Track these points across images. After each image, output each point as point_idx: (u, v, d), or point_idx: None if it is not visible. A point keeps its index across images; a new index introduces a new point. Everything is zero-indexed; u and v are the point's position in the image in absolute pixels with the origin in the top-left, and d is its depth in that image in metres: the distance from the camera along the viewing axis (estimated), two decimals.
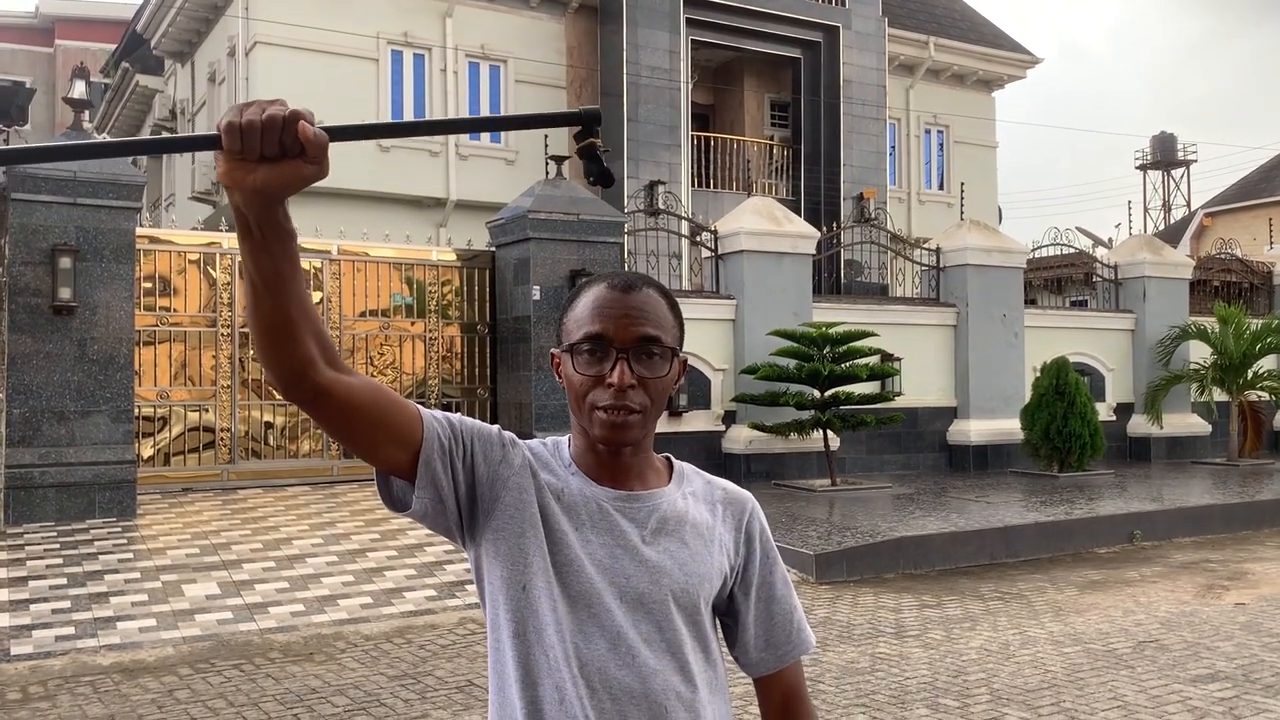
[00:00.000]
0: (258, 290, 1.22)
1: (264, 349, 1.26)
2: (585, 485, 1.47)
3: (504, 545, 1.43)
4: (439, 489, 1.39)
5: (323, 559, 8.06)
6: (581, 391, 1.45)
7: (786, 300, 12.73)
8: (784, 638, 1.57)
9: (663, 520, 1.48)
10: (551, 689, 1.40)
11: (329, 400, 1.30)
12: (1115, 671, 5.84)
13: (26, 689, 5.64)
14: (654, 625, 1.44)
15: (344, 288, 11.47)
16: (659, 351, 1.45)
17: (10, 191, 8.96)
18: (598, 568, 1.43)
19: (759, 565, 1.56)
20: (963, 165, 22.13)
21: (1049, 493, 11.70)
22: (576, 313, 1.48)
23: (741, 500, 1.58)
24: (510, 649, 1.42)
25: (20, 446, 8.78)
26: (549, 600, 1.41)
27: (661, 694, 1.41)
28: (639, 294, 1.46)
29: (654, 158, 16.99)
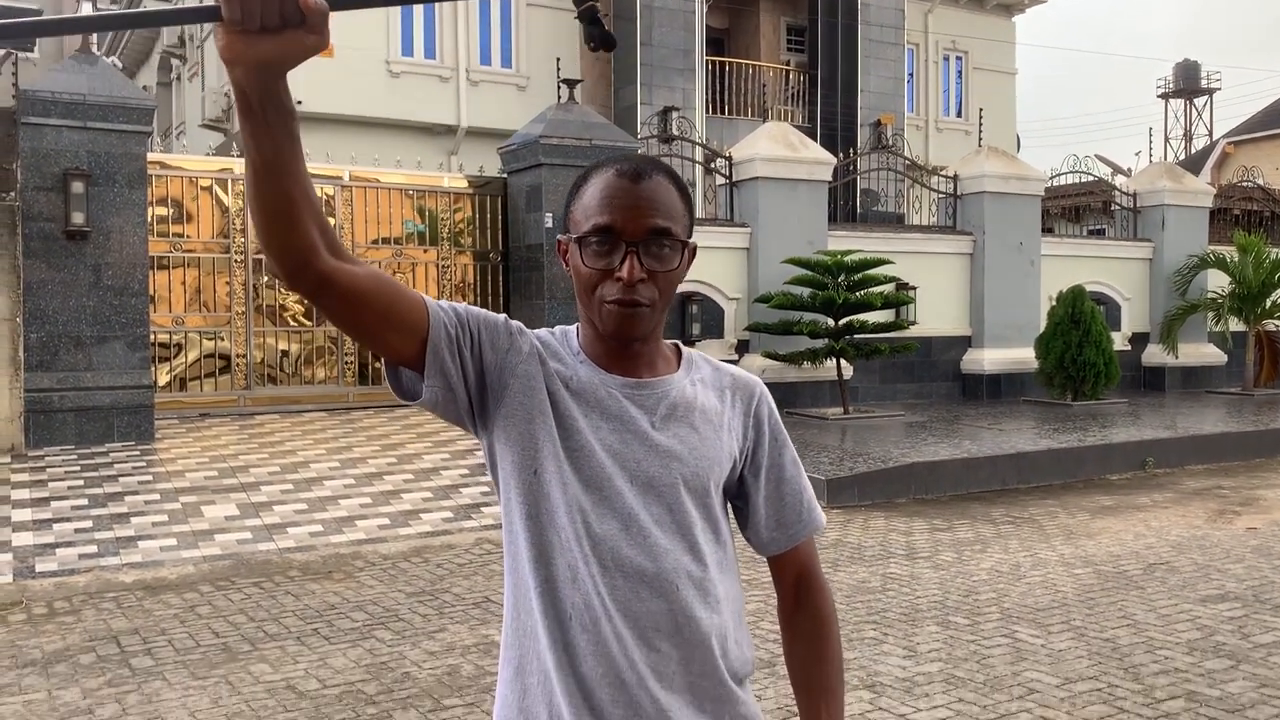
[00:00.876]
0: (259, 172, 1.20)
1: (266, 234, 1.23)
2: (594, 373, 1.47)
3: (514, 431, 1.43)
4: (448, 378, 1.38)
5: (340, 482, 8.15)
6: (590, 284, 1.43)
7: (801, 228, 12.63)
8: (794, 517, 1.58)
9: (672, 406, 1.48)
10: (564, 567, 1.41)
11: (333, 288, 1.28)
12: (1125, 592, 5.89)
13: (52, 604, 5.75)
14: (665, 508, 1.44)
15: (356, 215, 11.43)
16: (669, 244, 1.42)
17: (20, 115, 8.91)
18: (608, 453, 1.43)
19: (768, 448, 1.57)
20: (981, 92, 21.79)
21: (1062, 421, 11.70)
22: (584, 201, 1.45)
23: (750, 385, 1.58)
24: (523, 530, 1.43)
25: (39, 371, 8.85)
26: (560, 484, 1.41)
27: (672, 573, 1.42)
28: (649, 182, 1.43)
29: (668, 83, 16.76)
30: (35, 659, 4.84)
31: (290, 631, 5.25)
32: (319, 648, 4.98)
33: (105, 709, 4.21)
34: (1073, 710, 4.13)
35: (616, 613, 1.40)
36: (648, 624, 1.40)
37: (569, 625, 1.40)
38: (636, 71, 16.48)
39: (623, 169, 1.44)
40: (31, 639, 5.14)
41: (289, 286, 1.28)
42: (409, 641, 5.06)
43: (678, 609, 1.42)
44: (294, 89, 1.19)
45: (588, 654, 1.39)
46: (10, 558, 6.31)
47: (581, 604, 1.40)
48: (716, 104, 18.18)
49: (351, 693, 4.39)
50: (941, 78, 21.86)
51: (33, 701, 4.30)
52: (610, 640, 1.39)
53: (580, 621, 1.40)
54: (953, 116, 22.03)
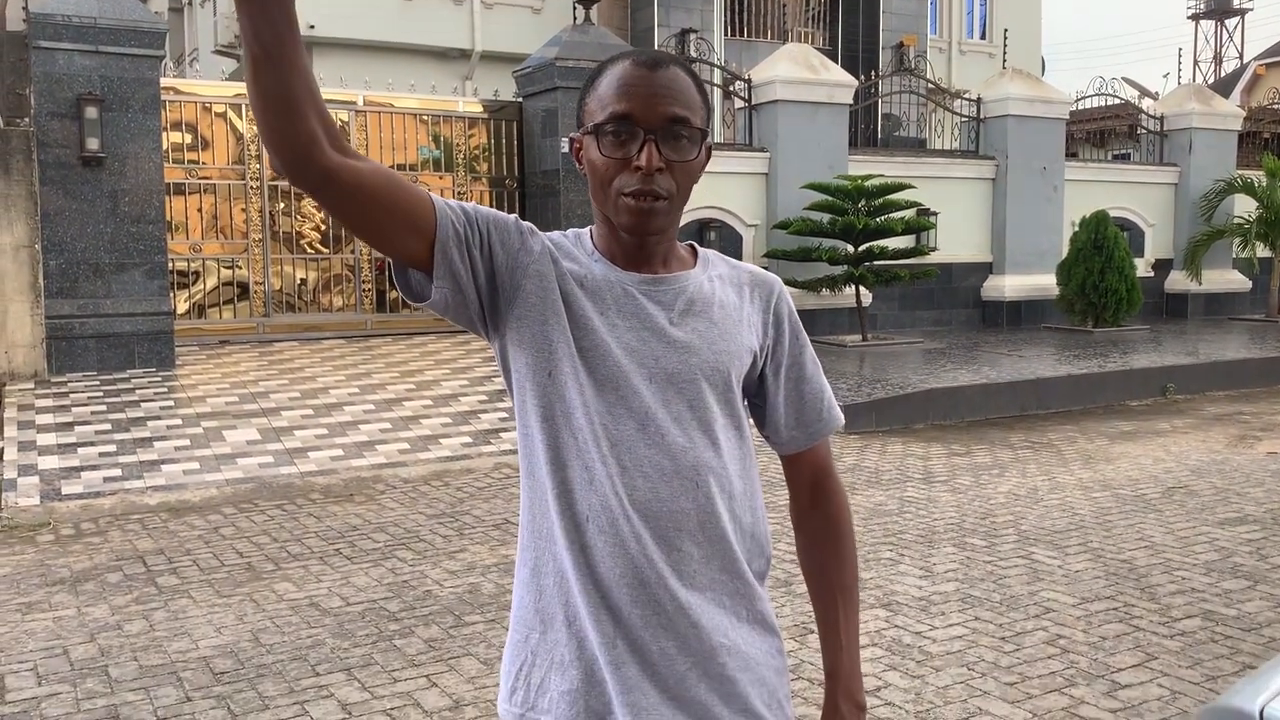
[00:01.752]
0: (259, 62, 1.17)
1: (267, 126, 1.20)
2: (610, 271, 1.44)
3: (527, 333, 1.40)
4: (457, 278, 1.35)
5: (359, 408, 8.20)
6: (606, 176, 1.39)
7: (821, 153, 12.45)
8: (814, 416, 1.56)
9: (690, 301, 1.45)
10: (581, 469, 1.39)
11: (337, 184, 1.25)
12: (1143, 515, 5.89)
13: (79, 525, 5.84)
14: (685, 403, 1.42)
15: (370, 141, 11.33)
16: (687, 134, 1.38)
17: (32, 39, 8.82)
18: (625, 350, 1.40)
19: (789, 345, 1.55)
20: (1006, 13, 21.28)
21: (1083, 347, 11.62)
22: (600, 91, 1.40)
23: (769, 282, 1.55)
24: (539, 433, 1.41)
25: (59, 298, 8.88)
26: (575, 384, 1.39)
27: (692, 470, 1.40)
28: (666, 71, 1.39)
29: (686, 5, 16.43)
30: (64, 577, 4.93)
31: (313, 552, 5.32)
32: (341, 567, 5.05)
33: (133, 625, 4.29)
34: (1089, 628, 4.15)
35: (635, 513, 1.38)
36: (668, 524, 1.39)
37: (585, 527, 1.38)
38: None
39: (639, 59, 1.40)
40: (60, 559, 5.23)
41: (293, 181, 1.25)
42: (429, 561, 5.12)
43: (698, 507, 1.40)
44: (307, 14, 1.17)
45: (605, 555, 1.37)
46: (36, 480, 6.40)
47: (599, 505, 1.38)
48: (735, 26, 17.83)
49: (374, 609, 4.45)
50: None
51: (63, 618, 4.39)
52: (629, 540, 1.37)
53: (597, 523, 1.38)
54: (976, 39, 21.55)
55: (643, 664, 1.37)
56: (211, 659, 3.94)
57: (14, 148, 8.77)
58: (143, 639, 4.14)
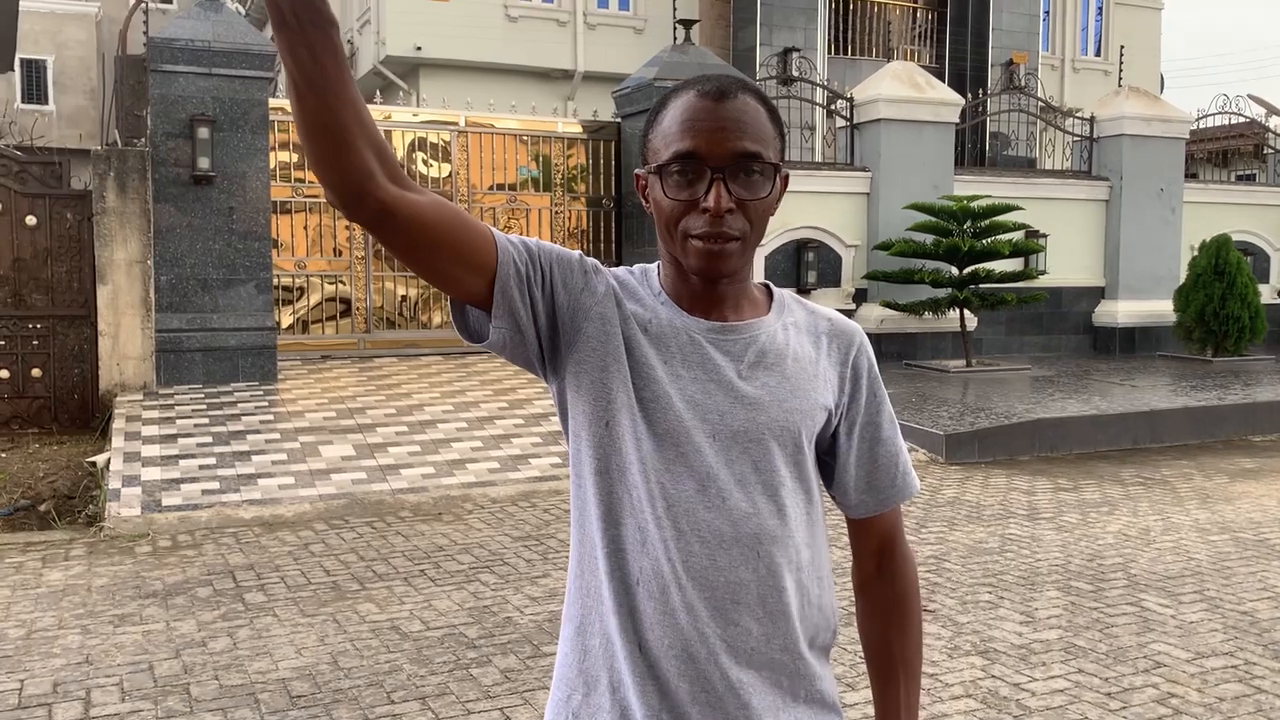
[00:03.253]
0: (300, 89, 1.11)
1: (317, 158, 1.15)
2: (676, 315, 1.34)
3: (586, 379, 1.32)
4: (516, 318, 1.28)
5: (453, 425, 8.24)
6: (673, 218, 1.30)
7: (926, 172, 12.15)
8: (888, 481, 1.45)
9: (761, 353, 1.35)
10: (634, 529, 1.30)
11: (394, 219, 1.18)
12: (1267, 562, 5.51)
13: (176, 538, 5.96)
14: (750, 464, 1.32)
15: (471, 160, 11.46)
16: (759, 169, 1.29)
17: (150, 63, 9.15)
18: (688, 404, 1.31)
19: (865, 402, 1.43)
20: (1124, 28, 20.54)
21: (1201, 378, 11.06)
22: (664, 126, 1.31)
23: (849, 332, 1.44)
24: (592, 486, 1.33)
25: (169, 312, 9.16)
26: (633, 438, 1.30)
27: (754, 538, 1.30)
28: (735, 102, 1.28)
29: (789, 23, 16.28)
30: (156, 590, 5.02)
31: (398, 572, 5.32)
32: (425, 589, 5.03)
33: (217, 642, 4.33)
34: (1204, 687, 3.87)
35: (689, 582, 1.28)
36: (725, 595, 1.29)
37: (635, 590, 1.29)
38: (756, 11, 16.03)
39: (704, 89, 1.29)
40: (154, 570, 5.34)
41: (348, 215, 1.19)
42: (512, 586, 5.07)
43: (759, 579, 1.30)
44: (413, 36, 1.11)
45: (654, 623, 1.28)
46: (139, 491, 6.57)
47: (650, 570, 1.29)
48: (839, 44, 17.59)
49: (454, 635, 4.41)
50: (1080, 14, 20.67)
51: (151, 632, 4.45)
52: (679, 611, 1.28)
53: (648, 588, 1.29)
54: (1091, 55, 20.86)
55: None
56: (290, 681, 3.94)
57: (130, 167, 9.10)
58: (225, 657, 4.17)
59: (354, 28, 17.57)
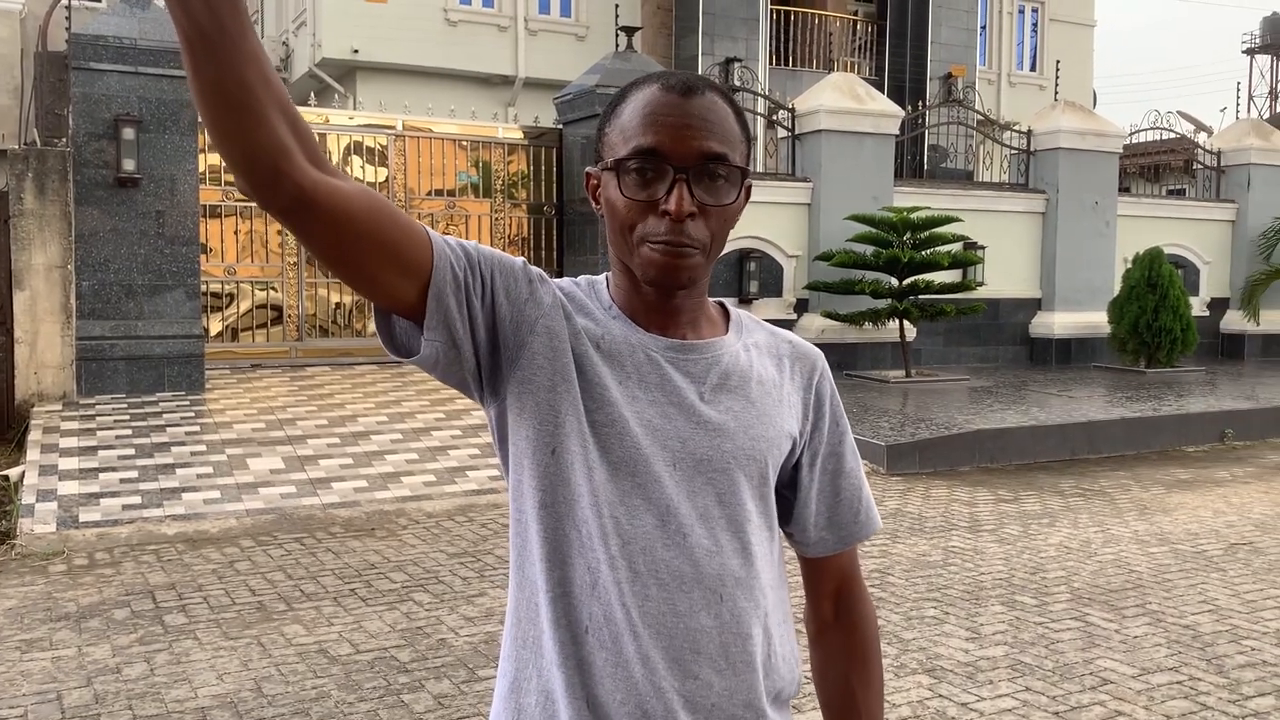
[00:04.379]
0: (193, 44, 0.93)
1: (218, 131, 0.97)
2: (631, 331, 1.21)
3: (530, 400, 1.17)
4: (452, 330, 1.12)
5: (387, 437, 8.02)
6: (628, 220, 1.17)
7: (866, 183, 12.18)
8: (850, 516, 1.34)
9: (724, 374, 1.23)
10: (584, 570, 1.16)
11: (315, 208, 1.02)
12: (1205, 574, 5.53)
13: (93, 555, 5.69)
14: (714, 497, 1.19)
15: (409, 165, 11.23)
16: (725, 173, 1.17)
17: (72, 60, 8.81)
18: (646, 429, 1.17)
19: (828, 431, 1.32)
20: (1058, 45, 20.91)
21: (1136, 389, 11.21)
22: (623, 120, 1.18)
23: (811, 356, 1.33)
24: (536, 523, 1.18)
25: (91, 319, 8.81)
26: (584, 467, 1.16)
27: (717, 579, 1.17)
28: (702, 99, 1.17)
29: (730, 33, 16.28)
30: (70, 612, 4.76)
31: (327, 591, 5.11)
32: (355, 609, 4.84)
33: (133, 668, 4.10)
34: (1150, 704, 3.83)
35: (645, 629, 1.15)
36: (684, 644, 1.16)
37: (584, 640, 1.15)
38: (698, 21, 16.01)
39: (669, 83, 1.18)
40: (68, 591, 5.07)
41: (262, 204, 1.02)
42: (447, 606, 4.89)
43: (721, 625, 1.17)
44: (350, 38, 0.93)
45: (605, 675, 1.15)
46: (54, 507, 6.27)
47: (601, 616, 1.15)
48: (780, 55, 17.64)
49: (385, 659, 4.23)
50: (1016, 30, 21.01)
51: (62, 658, 4.20)
52: (634, 662, 1.14)
53: (598, 637, 1.15)
54: (1027, 70, 21.20)
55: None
56: (210, 710, 3.72)
57: (50, 168, 8.74)
58: (141, 684, 3.94)
59: (289, 29, 17.22)
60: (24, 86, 20.96)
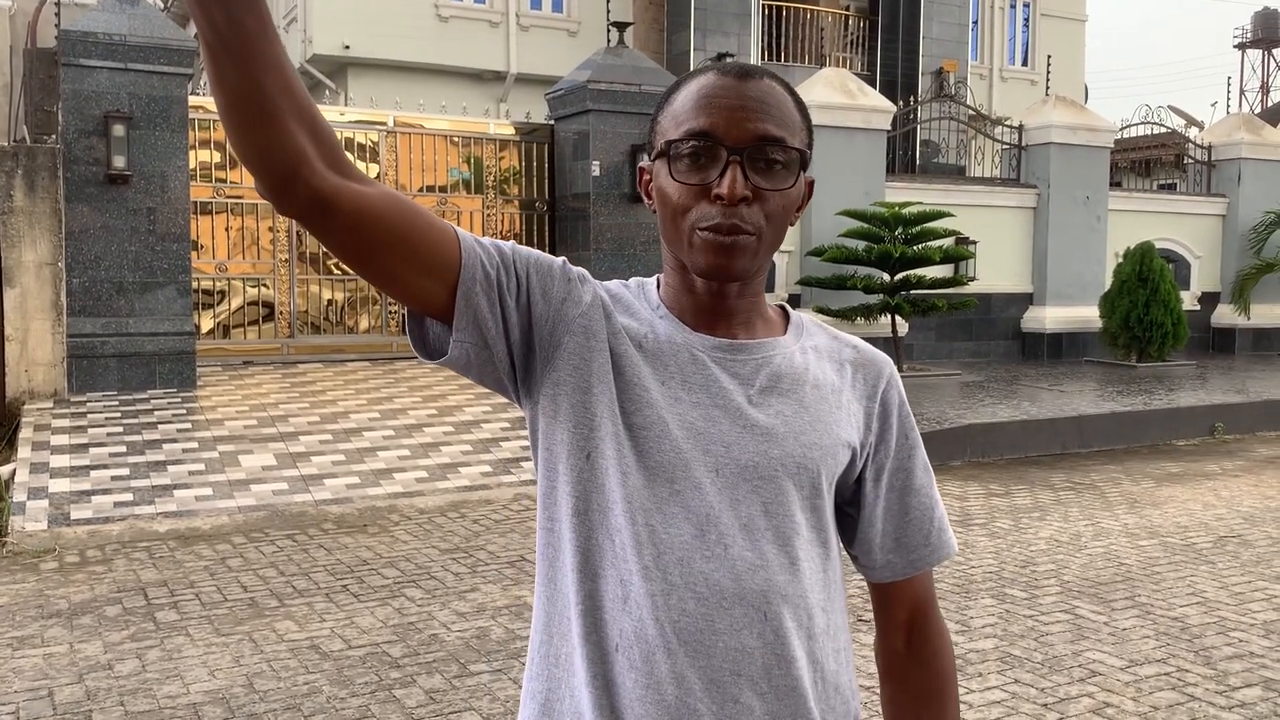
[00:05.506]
0: (215, 52, 0.94)
1: (236, 136, 0.98)
2: (677, 331, 1.16)
3: (565, 402, 1.13)
4: (483, 330, 1.10)
5: (379, 433, 8.02)
6: (680, 206, 1.12)
7: (858, 179, 12.19)
8: (920, 539, 1.24)
9: (775, 376, 1.17)
10: (615, 582, 1.10)
11: (336, 211, 1.01)
12: (1194, 566, 5.56)
13: (84, 552, 5.68)
14: (760, 506, 1.12)
15: (401, 162, 11.22)
16: (782, 158, 1.13)
17: (62, 56, 8.78)
18: (687, 432, 1.12)
19: (895, 444, 1.23)
20: (1050, 40, 20.95)
21: (1126, 383, 11.25)
22: (675, 106, 1.15)
23: (878, 362, 1.24)
24: (569, 530, 1.13)
25: (82, 316, 8.79)
26: (619, 472, 1.11)
27: (761, 596, 1.10)
28: (760, 83, 1.13)
29: (722, 28, 16.29)
30: (61, 609, 4.76)
31: (319, 587, 5.11)
32: (347, 605, 4.84)
33: (125, 664, 4.10)
34: (1138, 696, 3.85)
35: (679, 647, 1.08)
36: (723, 664, 1.09)
37: (614, 658, 1.10)
38: (690, 16, 16.01)
39: (725, 69, 1.15)
40: (60, 588, 5.06)
41: (280, 209, 1.01)
42: (439, 601, 4.90)
43: (765, 645, 1.10)
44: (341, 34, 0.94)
45: (635, 699, 1.08)
46: (45, 504, 6.26)
47: (632, 633, 1.09)
48: (772, 50, 17.64)
49: (376, 654, 4.23)
50: (1008, 25, 21.05)
51: (53, 655, 4.21)
52: (667, 683, 1.08)
53: (628, 655, 1.09)
54: (1018, 65, 21.23)
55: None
56: (201, 705, 3.73)
57: (40, 165, 8.72)
58: (133, 681, 3.94)
59: (280, 25, 17.17)
60: (13, 84, 20.90)
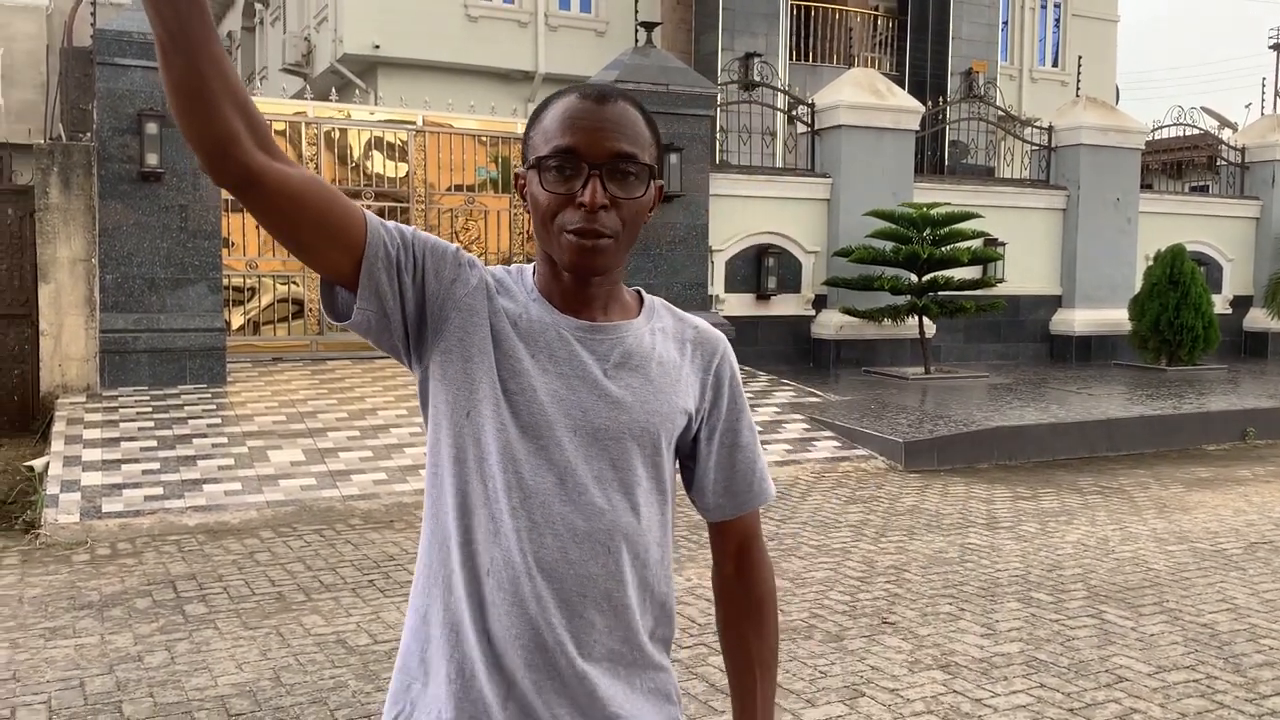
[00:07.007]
0: (164, 46, 1.13)
1: (181, 116, 1.16)
2: (547, 313, 1.38)
3: (451, 369, 1.34)
4: (382, 301, 1.30)
5: (406, 430, 8.07)
6: (549, 212, 1.33)
7: (886, 179, 12.14)
8: (744, 486, 1.50)
9: (627, 354, 1.39)
10: (487, 518, 1.33)
11: (261, 186, 1.20)
12: (1224, 573, 5.51)
13: (115, 546, 5.76)
14: (608, 462, 1.35)
15: (429, 161, 11.28)
16: (635, 170, 1.34)
17: (97, 55, 8.89)
18: (552, 398, 1.34)
19: (726, 410, 1.48)
20: (1080, 40, 20.77)
21: (1156, 386, 11.15)
22: (544, 124, 1.36)
23: (713, 341, 1.48)
24: (449, 475, 1.35)
25: (114, 312, 8.90)
26: (496, 428, 1.33)
27: (607, 534, 1.34)
28: (614, 106, 1.35)
29: (750, 29, 16.25)
30: (92, 601, 4.82)
31: (346, 582, 5.16)
32: (373, 600, 4.88)
33: (154, 656, 4.15)
34: (1166, 703, 3.82)
35: (539, 573, 1.31)
36: (573, 588, 1.33)
37: (485, 580, 1.32)
38: (718, 16, 16.00)
39: (586, 92, 1.37)
40: (91, 580, 5.13)
41: (215, 179, 1.21)
42: None
43: (607, 573, 1.34)
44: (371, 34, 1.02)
45: (502, 613, 1.31)
46: (78, 497, 6.34)
47: (501, 560, 1.32)
48: (800, 50, 17.60)
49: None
50: (1038, 25, 20.89)
51: (84, 646, 4.26)
52: (529, 600, 1.31)
53: (497, 578, 1.32)
54: (1048, 66, 21.07)
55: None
56: (229, 699, 3.77)
57: (75, 162, 8.83)
58: (162, 673, 3.99)
59: (311, 25, 17.31)
60: (50, 82, 21.15)
